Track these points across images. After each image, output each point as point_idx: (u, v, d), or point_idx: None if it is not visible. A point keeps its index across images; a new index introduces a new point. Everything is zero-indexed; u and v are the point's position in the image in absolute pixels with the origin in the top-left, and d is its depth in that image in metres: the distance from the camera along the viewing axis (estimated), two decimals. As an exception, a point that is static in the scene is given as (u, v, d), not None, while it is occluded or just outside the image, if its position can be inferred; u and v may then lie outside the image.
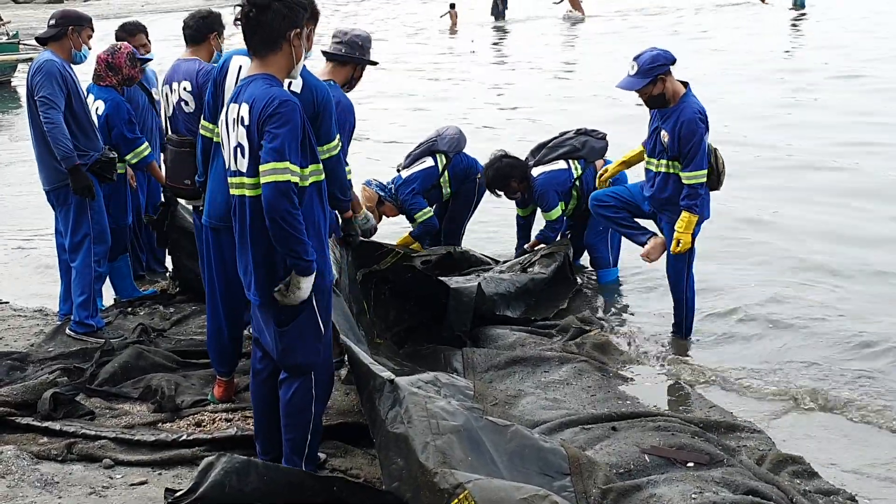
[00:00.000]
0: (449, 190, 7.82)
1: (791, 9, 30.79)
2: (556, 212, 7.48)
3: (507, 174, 7.50)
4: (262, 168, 3.81)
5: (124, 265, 7.10)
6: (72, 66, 6.20)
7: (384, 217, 7.76)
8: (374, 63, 5.96)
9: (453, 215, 7.98)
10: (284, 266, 3.95)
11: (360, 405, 4.92)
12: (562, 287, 7.17)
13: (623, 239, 7.14)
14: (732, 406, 5.39)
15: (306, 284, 3.93)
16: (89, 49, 6.31)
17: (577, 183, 7.50)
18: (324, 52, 5.77)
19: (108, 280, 6.92)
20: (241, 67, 4.79)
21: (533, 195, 7.54)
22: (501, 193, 7.64)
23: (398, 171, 7.84)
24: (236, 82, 4.63)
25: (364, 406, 4.33)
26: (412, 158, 7.81)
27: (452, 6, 32.30)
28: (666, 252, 6.32)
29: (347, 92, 5.73)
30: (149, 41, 7.54)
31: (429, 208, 7.66)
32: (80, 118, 6.14)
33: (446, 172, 7.74)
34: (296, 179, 3.83)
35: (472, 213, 8.09)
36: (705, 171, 6.01)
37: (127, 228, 6.93)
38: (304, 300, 3.97)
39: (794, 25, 27.16)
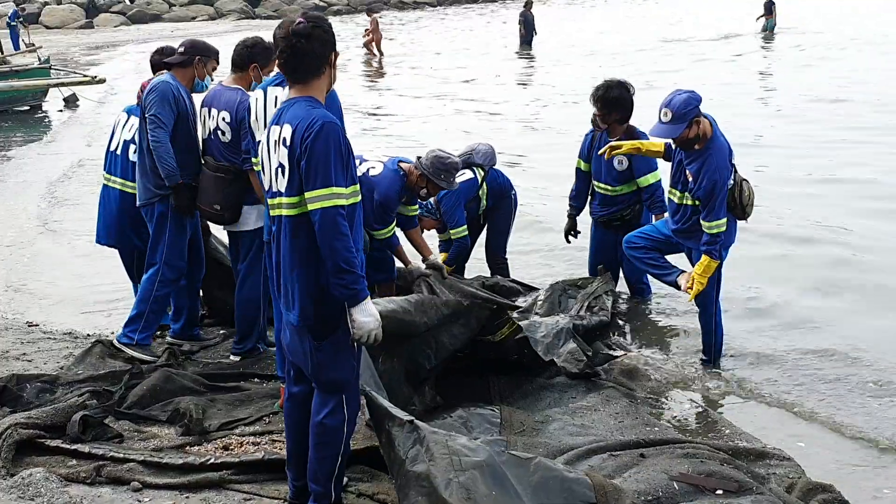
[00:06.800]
0: (485, 203, 7.78)
1: (762, 32, 30.75)
2: (656, 175, 7.10)
3: (630, 105, 7.05)
4: (308, 194, 3.85)
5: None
6: (188, 91, 6.33)
7: (424, 231, 7.72)
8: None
9: (498, 229, 7.93)
10: (319, 286, 3.97)
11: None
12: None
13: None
14: (762, 433, 5.34)
15: (360, 315, 3.95)
16: (212, 80, 6.44)
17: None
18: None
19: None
20: (276, 98, 4.88)
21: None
22: (600, 112, 7.09)
23: None
24: (267, 111, 4.74)
25: (383, 448, 4.30)
26: None
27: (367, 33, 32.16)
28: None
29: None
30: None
31: (465, 226, 7.56)
32: (186, 140, 6.24)
33: (485, 184, 7.70)
34: (343, 202, 3.87)
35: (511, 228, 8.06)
36: (724, 220, 5.96)
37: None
38: (372, 328, 3.98)
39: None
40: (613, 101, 7.02)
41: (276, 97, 5.00)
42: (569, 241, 7.81)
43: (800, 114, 16.53)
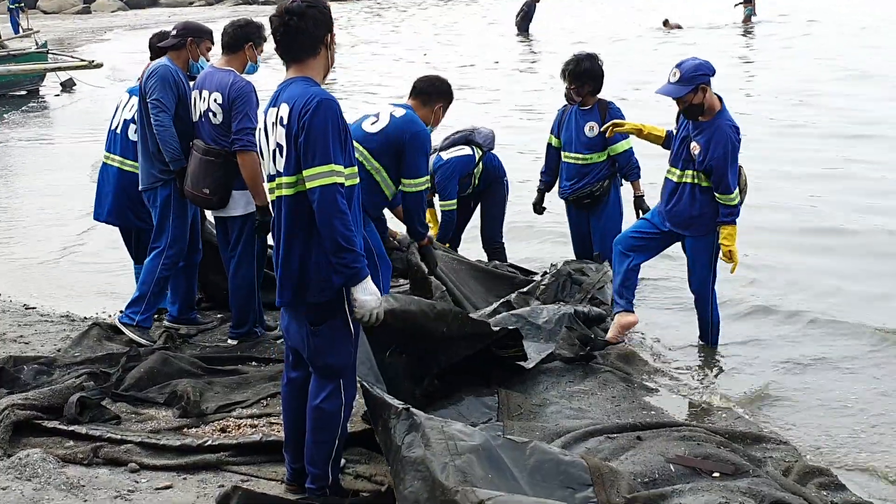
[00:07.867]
0: (477, 183, 7.75)
1: (743, 21, 30.41)
2: (629, 142, 7.17)
3: (600, 75, 7.22)
4: (307, 172, 3.83)
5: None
6: (185, 74, 6.29)
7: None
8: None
9: (491, 215, 7.92)
10: (313, 264, 3.96)
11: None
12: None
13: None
14: (758, 417, 5.36)
15: (361, 293, 3.93)
16: (207, 61, 6.40)
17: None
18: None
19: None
20: None
21: (606, 114, 7.18)
22: (573, 85, 7.21)
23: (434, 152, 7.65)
24: None
25: (379, 436, 4.31)
26: (451, 142, 7.70)
27: None
28: (688, 268, 6.32)
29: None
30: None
31: (455, 200, 7.51)
32: (185, 124, 6.20)
33: (481, 164, 7.68)
34: (341, 180, 3.86)
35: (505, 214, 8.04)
36: (738, 191, 5.96)
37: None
38: (373, 306, 3.97)
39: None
40: (585, 73, 7.19)
41: None
42: (537, 213, 7.91)
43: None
